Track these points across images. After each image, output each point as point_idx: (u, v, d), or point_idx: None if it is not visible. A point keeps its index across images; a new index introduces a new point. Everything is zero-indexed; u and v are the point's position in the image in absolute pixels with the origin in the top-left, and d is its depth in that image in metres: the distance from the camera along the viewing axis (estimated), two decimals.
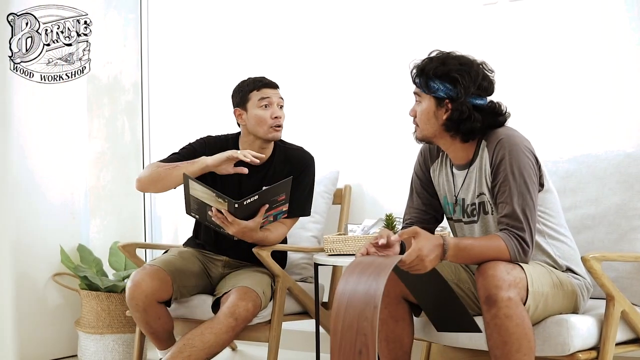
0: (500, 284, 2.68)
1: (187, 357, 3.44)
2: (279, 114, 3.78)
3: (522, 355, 2.68)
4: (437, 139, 3.04)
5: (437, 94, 2.94)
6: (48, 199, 4.71)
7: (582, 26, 3.93)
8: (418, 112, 3.02)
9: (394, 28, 4.47)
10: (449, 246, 2.76)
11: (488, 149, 2.95)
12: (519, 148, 2.90)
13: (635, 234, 3.25)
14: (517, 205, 2.83)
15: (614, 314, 2.88)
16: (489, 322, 2.71)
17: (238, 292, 3.54)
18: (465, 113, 2.92)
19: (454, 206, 3.12)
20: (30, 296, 4.56)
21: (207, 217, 3.58)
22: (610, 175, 3.37)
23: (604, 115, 3.85)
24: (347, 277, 2.54)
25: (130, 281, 3.63)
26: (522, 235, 2.81)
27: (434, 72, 2.94)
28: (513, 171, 2.86)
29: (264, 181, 3.81)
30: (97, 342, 4.40)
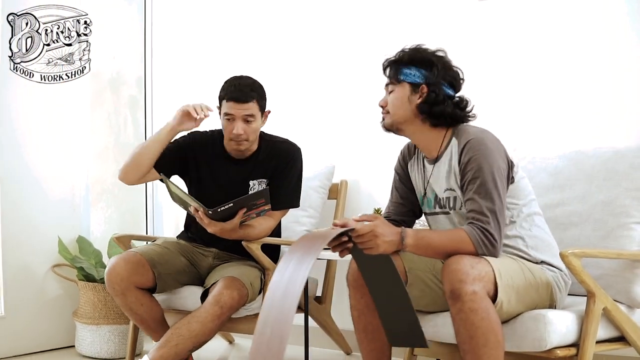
0: (463, 278, 2.67)
1: (174, 346, 3.48)
2: (238, 131, 3.72)
3: (489, 349, 2.67)
4: (406, 125, 3.06)
5: (413, 79, 2.99)
6: (49, 191, 4.74)
7: (574, 24, 3.93)
8: (390, 99, 3.06)
9: (390, 23, 4.48)
10: (407, 233, 2.77)
11: (458, 147, 2.97)
12: (488, 149, 2.90)
13: (622, 231, 3.23)
14: (483, 200, 2.83)
15: (594, 311, 2.85)
16: (455, 316, 2.71)
17: (224, 281, 3.57)
18: (440, 96, 2.97)
19: (423, 198, 3.13)
20: (29, 287, 4.60)
21: (188, 209, 3.63)
22: (597, 173, 3.35)
23: (594, 113, 3.84)
24: (294, 248, 2.51)
25: (107, 267, 3.70)
26: (487, 227, 2.80)
27: (409, 58, 3.01)
28: (481, 170, 2.86)
29: (250, 175, 3.84)
30: (93, 332, 4.43)
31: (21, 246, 4.56)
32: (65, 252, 4.61)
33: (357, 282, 3.06)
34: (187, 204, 3.62)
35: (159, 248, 3.85)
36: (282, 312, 2.24)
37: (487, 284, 2.72)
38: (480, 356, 2.68)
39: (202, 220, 3.59)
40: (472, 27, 4.21)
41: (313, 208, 4.32)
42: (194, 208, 3.58)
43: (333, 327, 4.34)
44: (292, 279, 2.35)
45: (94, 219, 4.96)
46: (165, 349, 3.47)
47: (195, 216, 3.61)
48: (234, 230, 3.62)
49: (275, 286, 2.33)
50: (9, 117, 4.55)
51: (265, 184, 3.83)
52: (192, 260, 3.88)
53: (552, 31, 3.98)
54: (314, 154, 4.49)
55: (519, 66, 4.06)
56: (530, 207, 3.05)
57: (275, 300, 2.29)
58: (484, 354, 2.67)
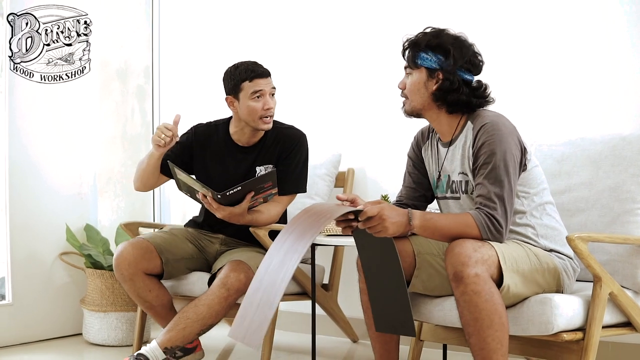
0: (466, 261, 2.69)
1: (182, 330, 3.50)
2: (270, 105, 3.79)
3: (493, 331, 2.69)
4: (425, 111, 3.08)
5: (430, 64, 2.99)
6: (57, 180, 4.76)
7: (579, 10, 3.93)
8: (408, 83, 3.07)
9: (396, 10, 4.48)
10: (413, 215, 2.78)
11: (473, 130, 2.98)
12: (502, 134, 2.90)
13: (628, 217, 3.23)
14: (492, 186, 2.84)
15: (600, 295, 2.85)
16: (459, 299, 2.73)
17: (230, 265, 3.59)
18: (455, 84, 2.98)
19: (437, 181, 3.14)
20: (37, 275, 4.62)
21: (196, 197, 3.64)
22: (604, 159, 3.35)
23: (600, 99, 3.85)
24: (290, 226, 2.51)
25: (115, 253, 3.72)
26: (493, 213, 2.82)
27: (427, 43, 3.00)
28: (494, 155, 2.87)
29: (256, 161, 3.87)
30: (100, 319, 4.45)
31: (29, 234, 4.58)
32: (73, 240, 4.63)
33: None
34: (194, 191, 3.62)
35: (166, 235, 3.87)
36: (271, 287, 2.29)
37: (490, 267, 2.73)
38: (485, 338, 2.69)
39: (210, 206, 3.61)
40: (477, 14, 4.21)
41: (320, 196, 4.33)
42: (202, 194, 3.59)
43: (340, 315, 4.35)
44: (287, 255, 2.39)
45: (102, 208, 4.98)
46: (173, 333, 3.49)
47: (204, 202, 3.62)
48: (242, 215, 3.64)
49: (270, 258, 2.35)
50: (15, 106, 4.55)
51: (271, 169, 3.85)
52: (199, 246, 3.90)
53: (559, 17, 3.98)
54: (320, 142, 4.50)
55: (526, 53, 4.07)
56: (542, 196, 3.05)
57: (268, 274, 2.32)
58: (488, 336, 2.69)
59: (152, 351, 3.46)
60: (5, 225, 4.51)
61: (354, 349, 4.43)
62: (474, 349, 2.73)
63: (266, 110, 3.78)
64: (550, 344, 2.90)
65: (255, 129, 3.84)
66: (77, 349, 4.49)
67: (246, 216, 3.66)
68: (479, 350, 2.71)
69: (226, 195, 3.52)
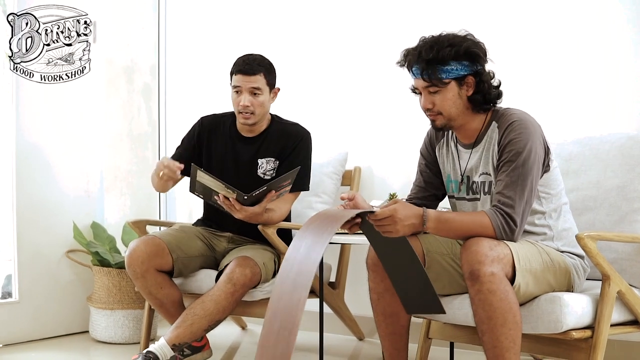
0: (482, 260, 2.70)
1: (189, 326, 3.51)
2: (244, 103, 3.80)
3: (507, 329, 2.70)
4: (459, 120, 3.02)
5: (457, 74, 2.94)
6: (63, 178, 4.76)
7: (587, 9, 3.93)
8: (438, 101, 2.97)
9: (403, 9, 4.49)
10: (428, 217, 2.79)
11: (499, 129, 2.97)
12: (530, 132, 2.91)
13: (636, 216, 3.25)
14: (513, 185, 2.85)
15: (609, 293, 2.87)
16: (474, 297, 2.73)
17: (237, 260, 3.61)
18: (487, 82, 2.98)
19: (459, 184, 3.14)
20: (44, 272, 4.63)
21: (212, 199, 3.63)
22: (612, 158, 3.37)
23: (608, 98, 3.85)
24: (306, 227, 2.47)
25: (127, 250, 3.73)
26: (509, 212, 2.82)
27: (447, 55, 2.91)
28: (519, 153, 2.87)
29: (258, 153, 3.89)
30: (107, 317, 4.46)
31: (36, 232, 4.59)
32: (81, 237, 4.64)
33: (376, 266, 3.08)
34: (210, 193, 3.61)
35: (177, 232, 3.88)
36: (292, 298, 2.19)
37: (506, 266, 2.74)
38: (498, 336, 2.70)
39: (232, 207, 3.59)
40: (484, 13, 4.22)
41: (327, 194, 4.34)
42: (223, 196, 3.58)
43: (346, 313, 4.36)
44: (304, 263, 2.30)
45: (108, 206, 4.99)
46: (180, 329, 3.50)
47: (224, 204, 3.61)
48: (261, 214, 3.64)
49: (286, 270, 2.29)
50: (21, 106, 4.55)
51: (273, 162, 3.87)
52: (208, 244, 3.92)
53: (566, 15, 3.99)
54: (327, 141, 4.51)
55: (533, 52, 4.07)
56: (561, 197, 3.07)
57: (286, 286, 2.24)
58: (501, 334, 2.70)
59: (160, 348, 3.47)
60: (13, 223, 4.51)
61: (361, 347, 4.44)
62: (487, 347, 2.74)
63: (241, 106, 3.81)
64: (559, 342, 2.92)
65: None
66: (84, 346, 4.50)
67: (263, 215, 3.67)
68: (492, 348, 2.73)
69: (252, 196, 3.53)
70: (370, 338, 4.55)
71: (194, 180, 3.55)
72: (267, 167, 3.87)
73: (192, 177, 3.55)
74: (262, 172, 3.87)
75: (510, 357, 2.71)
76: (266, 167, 3.87)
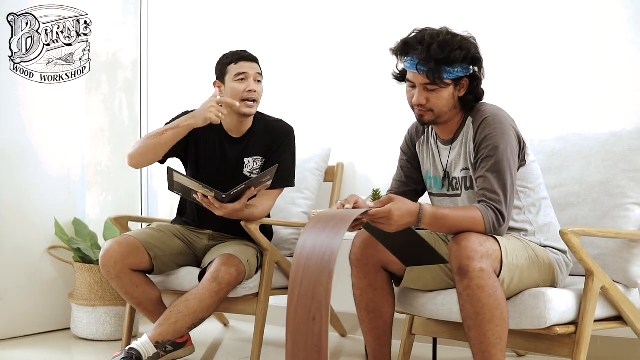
0: (472, 255, 2.70)
1: (173, 324, 3.50)
2: (253, 88, 3.78)
3: (494, 325, 2.71)
4: (448, 117, 3.03)
5: (457, 75, 2.94)
6: (45, 173, 4.73)
7: (571, 6, 3.94)
8: (433, 98, 2.97)
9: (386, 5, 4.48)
10: (424, 214, 2.78)
11: (473, 125, 2.99)
12: (504, 127, 2.92)
13: (619, 212, 3.26)
14: (496, 179, 2.86)
15: (593, 289, 2.88)
16: (462, 292, 2.74)
17: (221, 259, 3.59)
18: (480, 85, 3.02)
19: (442, 180, 3.14)
20: (25, 269, 4.60)
21: (191, 197, 3.62)
22: (595, 154, 3.38)
23: (591, 95, 3.86)
24: (307, 234, 2.51)
25: (101, 251, 3.71)
26: (499, 207, 2.83)
27: (457, 59, 2.91)
28: (496, 148, 2.88)
29: (245, 152, 3.87)
30: (89, 314, 4.43)
31: (17, 229, 4.56)
32: (62, 234, 4.61)
33: (360, 261, 3.08)
34: (191, 192, 3.60)
35: (153, 231, 3.86)
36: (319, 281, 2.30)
37: (494, 262, 2.75)
38: (485, 332, 2.71)
39: (211, 205, 3.58)
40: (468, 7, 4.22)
41: (309, 190, 4.33)
42: (201, 194, 3.57)
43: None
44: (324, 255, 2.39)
45: (89, 202, 4.97)
46: (164, 327, 3.49)
47: (203, 202, 3.59)
48: (241, 210, 3.63)
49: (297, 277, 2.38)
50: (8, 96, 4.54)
51: (260, 161, 3.86)
52: (187, 242, 3.89)
53: (550, 14, 4.00)
54: (310, 137, 4.51)
55: (516, 48, 4.08)
56: (539, 191, 3.08)
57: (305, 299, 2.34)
58: (488, 330, 2.70)
59: (143, 345, 3.45)
60: None
61: (343, 343, 4.43)
62: (473, 343, 2.75)
63: (249, 92, 3.78)
64: (543, 338, 2.93)
65: (240, 115, 3.82)
66: (66, 343, 4.47)
67: (245, 211, 3.65)
68: (479, 344, 2.73)
69: (230, 194, 3.51)
70: (353, 334, 4.55)
71: (172, 180, 3.55)
72: (254, 165, 3.86)
73: (168, 178, 3.54)
74: (248, 171, 3.86)
75: (497, 353, 2.72)
76: (252, 166, 3.86)
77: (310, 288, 2.36)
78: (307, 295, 2.35)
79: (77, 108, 4.92)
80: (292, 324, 2.34)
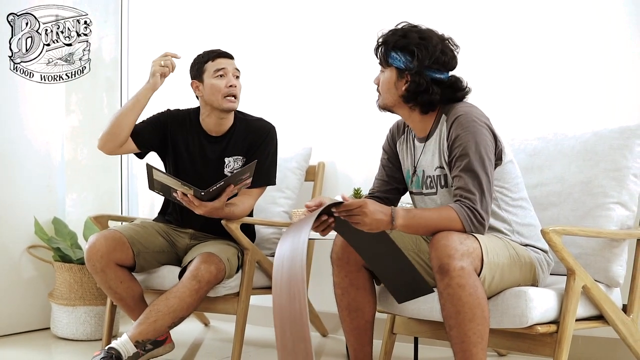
0: (452, 254, 2.69)
1: (153, 322, 3.48)
2: (234, 83, 3.80)
3: (475, 324, 2.70)
4: (396, 109, 3.08)
5: (399, 64, 2.98)
6: (24, 171, 4.71)
7: (553, 6, 3.95)
8: (381, 80, 3.07)
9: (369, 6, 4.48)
10: (397, 214, 2.78)
11: (447, 124, 2.98)
12: (476, 124, 2.91)
13: (600, 211, 3.26)
14: (471, 179, 2.85)
15: (574, 288, 2.88)
16: (442, 291, 2.73)
17: (201, 257, 3.58)
18: (422, 85, 2.96)
19: (411, 177, 3.14)
20: (4, 268, 4.57)
21: (171, 195, 3.60)
22: (577, 153, 3.39)
23: (572, 94, 3.87)
24: (282, 242, 2.57)
25: (87, 244, 3.70)
26: (474, 206, 2.82)
27: (394, 44, 2.99)
28: (469, 147, 2.87)
29: (225, 151, 3.87)
30: (69, 314, 4.41)
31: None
32: (42, 233, 4.59)
33: (341, 260, 3.07)
34: (171, 190, 3.58)
35: (138, 227, 3.85)
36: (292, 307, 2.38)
37: (475, 260, 2.74)
38: (466, 331, 2.70)
39: (191, 203, 3.57)
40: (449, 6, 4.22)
41: (290, 189, 4.32)
42: (181, 193, 3.55)
43: (310, 309, 4.34)
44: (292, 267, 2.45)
45: (69, 201, 4.94)
46: (143, 326, 3.47)
47: (182, 201, 3.58)
48: (221, 209, 3.61)
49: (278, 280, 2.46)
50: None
51: (240, 160, 3.85)
52: (169, 240, 3.89)
53: (533, 15, 4.01)
54: (291, 136, 4.50)
55: (499, 48, 4.09)
56: (517, 191, 3.07)
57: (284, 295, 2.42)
58: (469, 329, 2.70)
59: (123, 345, 3.44)
60: None
61: (324, 343, 4.42)
62: (454, 342, 2.74)
63: (229, 87, 3.79)
64: (524, 337, 2.93)
65: (220, 111, 3.82)
66: (45, 343, 4.45)
67: (225, 210, 3.64)
68: (460, 343, 2.72)
69: (209, 192, 3.50)
70: (334, 334, 4.54)
71: (151, 178, 3.53)
72: (235, 165, 3.85)
73: (148, 175, 3.53)
74: (229, 171, 3.84)
75: (478, 352, 2.71)
76: (233, 166, 3.85)
77: (287, 285, 2.43)
78: (288, 292, 2.42)
79: (57, 106, 4.89)
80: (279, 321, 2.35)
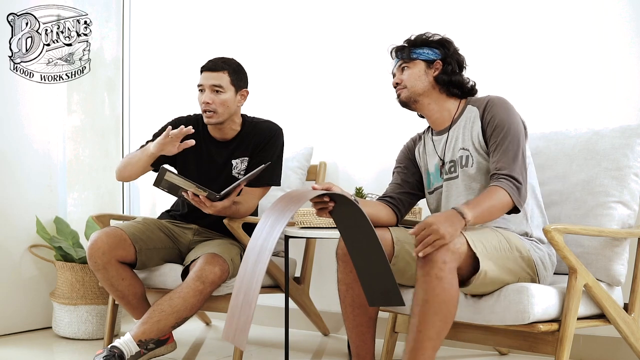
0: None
1: (156, 322, 3.49)
2: (207, 100, 3.79)
3: (437, 319, 2.70)
4: (423, 97, 3.19)
5: (427, 57, 3.17)
6: (25, 171, 4.71)
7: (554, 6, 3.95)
8: (405, 76, 3.19)
9: (370, 6, 4.48)
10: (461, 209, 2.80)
11: (478, 107, 3.11)
12: (510, 106, 3.09)
13: (601, 210, 3.27)
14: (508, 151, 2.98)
15: (576, 286, 2.88)
16: (419, 278, 2.74)
17: (205, 257, 3.59)
18: (455, 67, 3.17)
19: (440, 168, 3.21)
20: (6, 267, 4.57)
21: (179, 194, 3.60)
22: (578, 153, 3.40)
23: (574, 94, 3.88)
24: (274, 206, 2.56)
25: (89, 241, 3.70)
26: (514, 176, 2.92)
27: (415, 42, 3.20)
28: (505, 121, 3.03)
29: (232, 154, 3.88)
30: (71, 313, 4.41)
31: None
32: (44, 232, 4.59)
33: (346, 256, 3.08)
34: (179, 190, 3.58)
35: (140, 224, 3.85)
36: (253, 272, 2.36)
37: (459, 258, 2.75)
38: (426, 322, 2.70)
39: (201, 204, 3.58)
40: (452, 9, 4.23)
41: (291, 189, 4.32)
42: (191, 194, 3.55)
43: (311, 308, 4.34)
44: (266, 239, 2.43)
45: (71, 200, 4.94)
46: (147, 325, 3.48)
47: (193, 201, 3.59)
48: (229, 208, 3.64)
49: (251, 248, 2.44)
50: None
51: (247, 161, 3.86)
52: (172, 237, 3.89)
53: (535, 13, 4.01)
54: (292, 135, 4.49)
55: (501, 48, 4.09)
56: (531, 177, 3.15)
57: (249, 263, 2.40)
58: (430, 322, 2.70)
59: (125, 344, 3.44)
60: None
61: (326, 342, 4.42)
62: (411, 329, 2.73)
63: (203, 103, 3.81)
64: (526, 336, 2.93)
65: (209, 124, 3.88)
66: (47, 342, 4.44)
67: (231, 208, 3.66)
68: (416, 332, 2.71)
69: (223, 194, 3.53)
70: (335, 334, 4.54)
71: (161, 178, 3.53)
72: (241, 166, 3.88)
73: (159, 175, 3.52)
74: (236, 172, 3.87)
75: (429, 348, 2.71)
76: (240, 167, 3.88)
77: (260, 248, 2.44)
78: (258, 251, 2.43)
79: (58, 106, 4.90)
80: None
